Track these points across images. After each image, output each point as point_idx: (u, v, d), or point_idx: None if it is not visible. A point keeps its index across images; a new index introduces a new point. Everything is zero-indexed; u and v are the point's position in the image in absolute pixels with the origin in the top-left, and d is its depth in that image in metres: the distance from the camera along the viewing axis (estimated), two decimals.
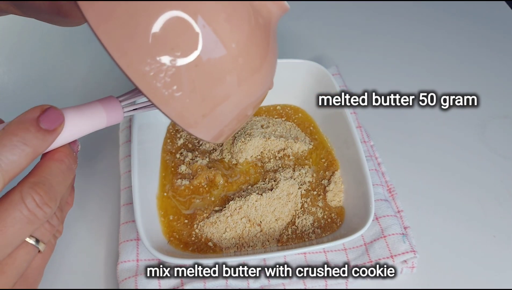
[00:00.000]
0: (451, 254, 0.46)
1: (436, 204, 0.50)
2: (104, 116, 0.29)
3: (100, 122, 0.29)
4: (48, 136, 0.26)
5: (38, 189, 0.26)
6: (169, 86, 0.25)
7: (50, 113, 0.26)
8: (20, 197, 0.25)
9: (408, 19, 0.71)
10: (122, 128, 0.53)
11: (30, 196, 0.25)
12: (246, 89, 0.29)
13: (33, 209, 0.25)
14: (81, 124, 0.28)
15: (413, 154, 0.54)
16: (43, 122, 0.26)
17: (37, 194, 0.26)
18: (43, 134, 0.26)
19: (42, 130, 0.26)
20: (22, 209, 0.25)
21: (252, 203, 0.44)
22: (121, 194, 0.48)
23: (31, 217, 0.25)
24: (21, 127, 0.25)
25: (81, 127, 0.28)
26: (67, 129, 0.27)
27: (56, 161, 0.28)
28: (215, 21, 0.25)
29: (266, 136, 0.50)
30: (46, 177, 0.27)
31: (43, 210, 0.26)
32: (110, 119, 0.30)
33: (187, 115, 0.27)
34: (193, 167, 0.48)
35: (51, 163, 0.27)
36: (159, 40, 0.24)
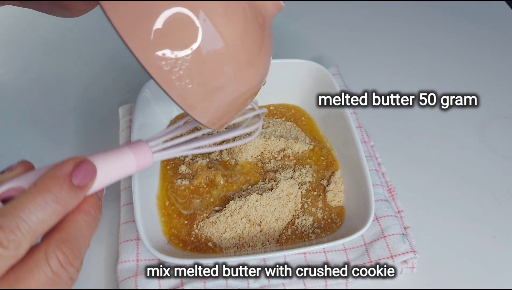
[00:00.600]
0: (451, 254, 0.46)
1: (436, 204, 0.50)
2: (134, 164, 0.29)
3: (130, 170, 0.29)
4: (79, 193, 0.26)
5: (64, 247, 0.25)
6: (175, 73, 0.27)
7: (83, 168, 0.26)
8: (44, 256, 0.24)
9: (408, 19, 0.71)
10: (122, 128, 0.53)
11: (55, 256, 0.25)
12: (241, 79, 0.30)
13: (57, 270, 0.25)
14: (111, 173, 0.27)
15: (413, 154, 0.54)
16: (76, 177, 0.25)
17: (62, 253, 0.25)
18: (76, 191, 0.25)
19: (75, 187, 0.25)
20: (46, 270, 0.24)
21: (252, 203, 0.44)
22: (121, 194, 0.48)
23: (54, 277, 0.25)
24: (55, 183, 0.25)
25: (110, 177, 0.27)
26: (97, 180, 0.26)
27: (83, 214, 0.27)
28: (215, 16, 0.27)
29: (266, 136, 0.50)
30: (72, 233, 0.26)
31: (67, 271, 0.25)
32: (140, 166, 0.29)
33: (188, 98, 0.29)
34: (193, 167, 0.48)
35: (78, 216, 0.26)
36: (166, 33, 0.27)
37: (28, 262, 0.24)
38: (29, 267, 0.24)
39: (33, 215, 0.24)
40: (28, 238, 0.23)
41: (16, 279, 0.24)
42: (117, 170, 0.28)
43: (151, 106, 0.51)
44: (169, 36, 0.27)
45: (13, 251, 0.23)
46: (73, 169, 0.25)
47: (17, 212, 0.23)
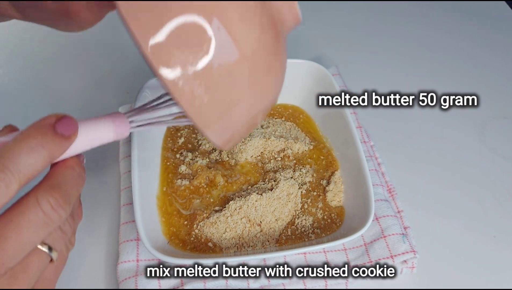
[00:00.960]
0: (451, 254, 0.46)
1: (436, 204, 0.50)
2: (112, 130, 0.30)
3: (108, 136, 0.30)
4: (64, 142, 0.27)
5: (53, 192, 0.26)
6: (196, 89, 0.27)
7: (65, 120, 0.27)
8: (35, 199, 0.25)
9: (408, 19, 0.71)
10: None
11: (45, 199, 0.26)
12: (257, 93, 0.29)
13: (48, 212, 0.26)
14: (91, 136, 0.29)
15: (413, 154, 0.54)
16: (60, 128, 0.26)
17: (52, 197, 0.26)
18: (60, 139, 0.26)
19: (58, 135, 0.26)
20: (38, 212, 0.25)
21: (252, 203, 0.44)
22: (121, 194, 0.48)
23: (46, 219, 0.25)
24: (39, 131, 0.26)
25: (90, 139, 0.29)
26: (78, 140, 0.28)
27: (68, 168, 0.28)
28: (230, 25, 0.26)
29: (266, 136, 0.50)
30: (61, 182, 0.27)
31: (58, 213, 0.26)
32: (117, 134, 0.31)
33: (203, 115, 0.28)
34: (193, 167, 0.48)
35: (64, 169, 0.28)
36: (180, 42, 0.26)
37: (19, 205, 0.25)
38: (20, 209, 0.25)
39: (20, 157, 0.25)
40: (17, 178, 0.24)
41: (7, 221, 0.25)
42: (96, 134, 0.29)
43: None
44: (187, 43, 0.26)
45: (4, 189, 0.24)
46: (56, 121, 0.26)
47: (5, 154, 0.25)
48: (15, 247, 0.25)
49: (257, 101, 0.30)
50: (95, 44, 0.66)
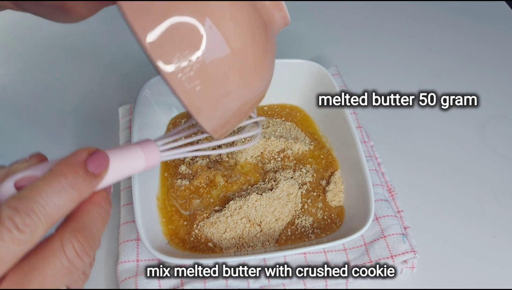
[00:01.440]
0: (451, 254, 0.46)
1: (436, 204, 0.50)
2: (142, 160, 0.29)
3: (138, 166, 0.29)
4: (94, 181, 0.26)
5: (79, 236, 0.25)
6: (185, 74, 0.28)
7: (97, 156, 0.26)
8: (60, 245, 0.24)
9: (408, 19, 0.71)
10: (122, 128, 0.53)
11: (71, 244, 0.24)
12: (245, 85, 0.31)
13: (73, 259, 0.24)
14: (120, 168, 0.28)
15: (413, 154, 0.54)
16: (91, 165, 0.25)
17: (78, 242, 0.25)
18: (90, 178, 0.25)
19: (89, 174, 0.25)
20: (62, 259, 0.24)
21: (252, 203, 0.44)
22: (121, 194, 0.48)
23: (70, 267, 0.24)
24: (71, 169, 0.25)
25: (119, 172, 0.28)
26: (108, 173, 0.27)
27: (96, 205, 0.27)
28: (221, 23, 0.28)
29: (266, 136, 0.50)
30: (86, 223, 0.26)
31: (82, 260, 0.25)
32: (148, 164, 0.30)
33: (196, 100, 0.29)
34: (193, 168, 0.48)
35: (91, 207, 0.26)
36: (178, 36, 0.27)
37: (43, 251, 0.24)
38: (44, 255, 0.24)
39: (49, 199, 0.23)
40: (44, 222, 0.23)
41: (32, 268, 0.23)
42: (127, 166, 0.28)
43: (151, 106, 0.51)
44: (181, 39, 0.27)
45: (29, 235, 0.23)
46: (87, 157, 0.25)
47: (33, 196, 0.23)
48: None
49: (246, 92, 0.31)
50: (95, 45, 0.66)
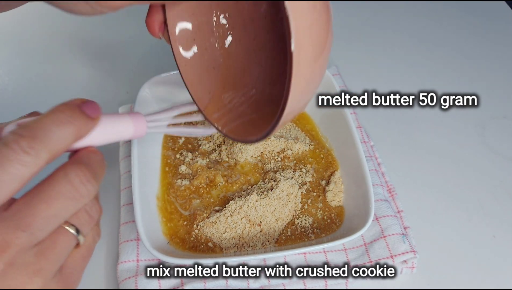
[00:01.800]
0: (451, 254, 0.46)
1: (436, 204, 0.50)
2: (131, 128, 0.32)
3: (127, 132, 0.32)
4: (89, 122, 0.27)
5: (81, 166, 0.26)
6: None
7: (90, 103, 0.28)
8: (64, 172, 0.26)
9: (408, 19, 0.71)
10: None
11: (74, 172, 0.26)
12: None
13: (77, 185, 0.26)
14: (111, 129, 0.30)
15: (413, 154, 0.54)
16: (86, 108, 0.27)
17: (80, 170, 0.26)
18: (86, 117, 0.27)
19: (85, 114, 0.27)
20: (66, 184, 0.25)
21: (252, 203, 0.44)
22: (121, 194, 0.48)
23: (74, 192, 0.26)
24: (68, 107, 0.26)
25: (109, 132, 0.30)
26: (99, 129, 0.29)
27: (92, 152, 0.28)
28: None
29: None
30: (87, 160, 0.27)
31: (86, 187, 0.26)
32: (136, 132, 0.32)
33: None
34: (193, 167, 0.48)
35: (89, 152, 0.28)
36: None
37: (48, 179, 0.25)
38: (49, 182, 0.25)
39: (51, 129, 0.25)
40: (47, 148, 0.25)
41: (38, 191, 0.25)
42: (116, 129, 0.31)
43: (151, 106, 0.51)
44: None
45: (34, 157, 0.24)
46: (81, 102, 0.27)
47: (36, 125, 0.25)
48: (44, 217, 0.24)
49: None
50: (95, 44, 0.66)
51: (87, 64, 0.64)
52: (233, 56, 0.40)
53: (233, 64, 0.40)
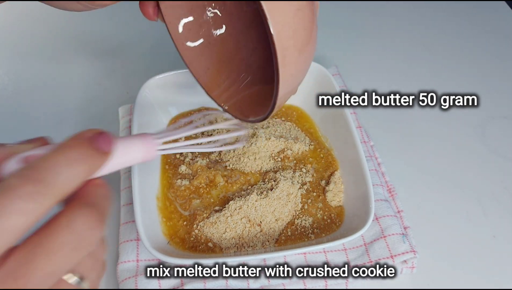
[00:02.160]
0: (451, 254, 0.46)
1: (436, 204, 0.50)
2: (141, 151, 0.30)
3: (137, 156, 0.30)
4: (102, 157, 0.25)
5: (89, 210, 0.24)
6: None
7: (104, 135, 0.25)
8: (67, 219, 0.23)
9: (408, 19, 0.71)
10: (122, 128, 0.53)
11: (80, 219, 0.23)
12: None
13: (84, 234, 0.23)
14: (122, 156, 0.28)
15: (413, 154, 0.54)
16: (97, 142, 0.24)
17: (88, 216, 0.23)
18: (98, 153, 0.24)
19: (98, 149, 0.24)
20: (71, 233, 0.22)
21: (252, 203, 0.44)
22: (121, 194, 0.48)
23: (79, 242, 0.23)
24: (80, 143, 0.24)
25: (121, 159, 0.28)
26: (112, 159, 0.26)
27: (100, 186, 0.26)
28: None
29: (266, 137, 0.50)
30: (93, 200, 0.25)
31: (94, 235, 0.23)
32: (145, 155, 0.30)
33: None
34: (193, 168, 0.48)
35: (96, 187, 0.26)
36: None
37: (50, 226, 0.23)
38: (51, 231, 0.22)
39: (59, 169, 0.22)
40: (54, 191, 0.22)
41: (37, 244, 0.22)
42: (127, 155, 0.29)
43: (151, 106, 0.51)
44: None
45: (39, 205, 0.21)
46: (93, 135, 0.25)
47: (42, 165, 0.22)
48: (45, 273, 0.22)
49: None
50: (95, 44, 0.66)
51: (87, 64, 0.64)
52: (228, 37, 0.40)
53: (228, 42, 0.40)
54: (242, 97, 0.39)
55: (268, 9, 0.27)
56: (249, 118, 0.37)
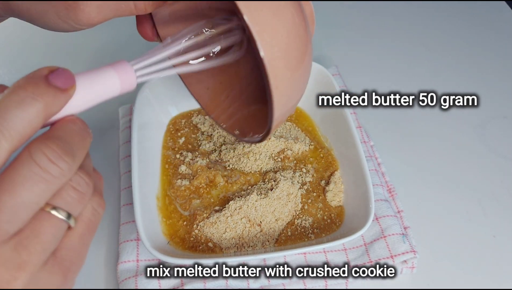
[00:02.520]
0: (451, 254, 0.46)
1: (436, 204, 0.50)
2: (117, 81, 0.27)
3: (113, 88, 0.27)
4: (60, 94, 0.23)
5: (49, 143, 0.22)
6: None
7: (59, 72, 0.24)
8: (28, 153, 0.22)
9: (408, 19, 0.71)
10: (122, 128, 0.53)
11: (40, 151, 0.22)
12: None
13: (45, 165, 0.22)
14: (92, 89, 0.26)
15: (413, 154, 0.54)
16: (53, 79, 0.23)
17: (48, 148, 0.22)
18: (55, 90, 0.23)
19: (53, 86, 0.23)
20: (31, 165, 0.22)
21: (252, 203, 0.44)
22: (121, 194, 0.48)
23: (43, 174, 0.22)
24: (29, 82, 0.23)
25: (91, 94, 0.26)
26: (79, 94, 0.25)
27: (69, 122, 0.24)
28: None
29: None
30: (59, 134, 0.24)
31: (58, 166, 0.22)
32: (123, 85, 0.28)
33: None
34: (193, 168, 0.48)
35: (63, 123, 0.24)
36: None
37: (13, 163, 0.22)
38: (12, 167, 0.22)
39: (10, 111, 0.22)
40: (8, 136, 0.21)
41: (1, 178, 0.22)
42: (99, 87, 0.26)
43: (151, 106, 0.51)
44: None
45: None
46: (49, 73, 0.24)
47: None
48: (11, 207, 0.21)
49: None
50: (95, 44, 0.66)
51: (87, 64, 0.64)
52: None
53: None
54: (242, 115, 0.38)
55: (257, 31, 0.27)
56: (246, 138, 0.36)
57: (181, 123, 0.53)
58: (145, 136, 0.48)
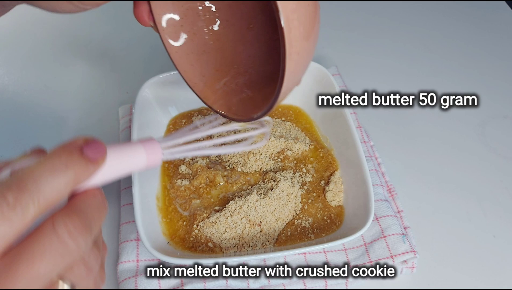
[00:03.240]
0: (451, 254, 0.46)
1: (436, 204, 0.50)
2: (144, 158, 0.28)
3: (139, 163, 0.28)
4: (90, 166, 0.24)
5: (73, 216, 0.23)
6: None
7: (94, 144, 0.25)
8: (51, 225, 0.23)
9: (408, 19, 0.71)
10: (122, 128, 0.53)
11: (63, 224, 0.23)
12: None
13: (65, 239, 0.23)
14: (120, 163, 0.27)
15: (413, 154, 0.54)
16: (87, 151, 0.24)
17: (70, 222, 0.23)
18: (86, 162, 0.24)
19: (85, 158, 0.24)
20: (52, 239, 0.22)
21: (252, 203, 0.44)
22: (121, 194, 0.48)
23: (62, 248, 0.22)
24: (65, 151, 0.24)
25: (119, 167, 0.27)
26: (106, 166, 0.26)
27: (90, 195, 0.25)
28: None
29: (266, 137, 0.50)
30: (81, 208, 0.24)
31: (77, 241, 0.23)
32: (150, 161, 0.29)
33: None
34: (193, 168, 0.48)
35: (85, 196, 0.25)
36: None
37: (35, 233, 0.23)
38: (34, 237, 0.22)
39: (42, 177, 0.22)
40: (37, 201, 0.22)
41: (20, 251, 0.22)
42: (127, 162, 0.27)
43: (151, 106, 0.51)
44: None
45: (20, 213, 0.21)
46: (83, 144, 0.25)
47: (26, 175, 0.22)
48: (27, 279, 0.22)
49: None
50: (95, 44, 0.66)
51: (87, 64, 0.64)
52: (223, 38, 0.40)
53: (223, 46, 0.40)
54: (239, 100, 0.38)
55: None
56: (250, 117, 0.36)
57: (181, 123, 0.53)
58: (145, 136, 0.47)
